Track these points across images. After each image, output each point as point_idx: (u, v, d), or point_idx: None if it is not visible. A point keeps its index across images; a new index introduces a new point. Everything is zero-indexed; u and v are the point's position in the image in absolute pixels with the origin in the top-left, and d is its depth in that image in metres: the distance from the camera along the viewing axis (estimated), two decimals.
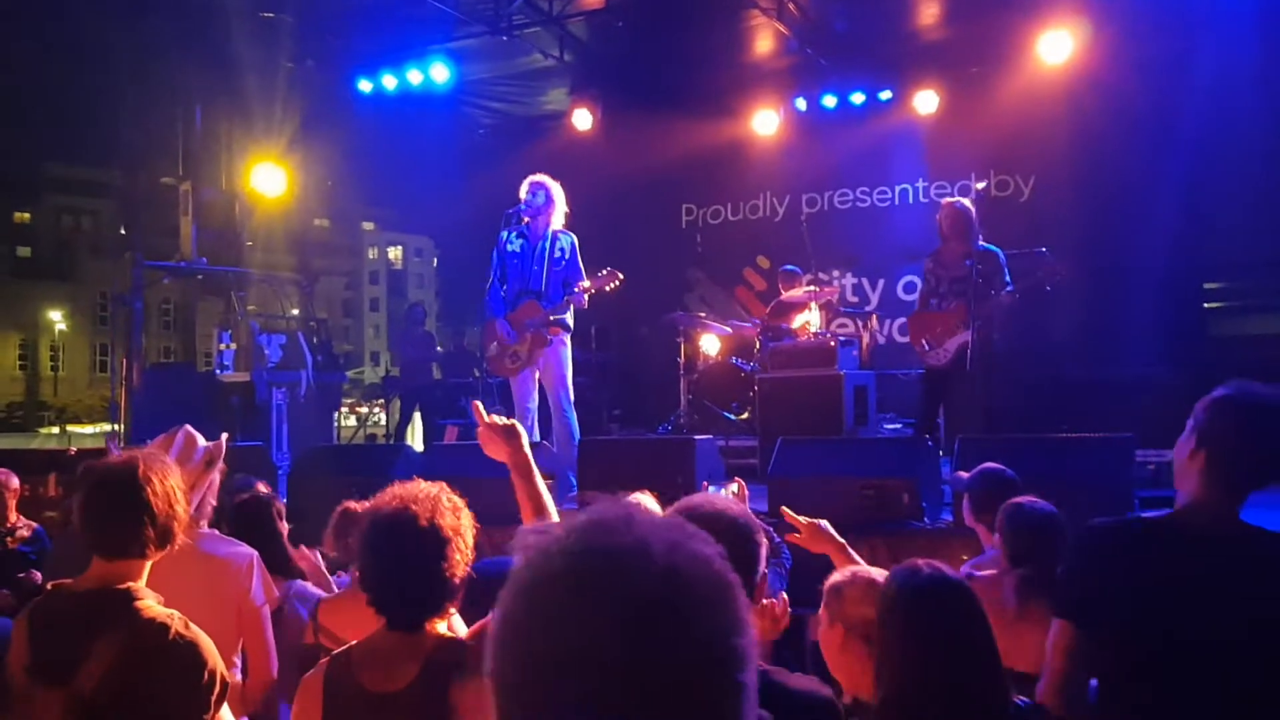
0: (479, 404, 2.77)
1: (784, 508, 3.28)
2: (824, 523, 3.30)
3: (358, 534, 2.51)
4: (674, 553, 0.92)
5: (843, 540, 3.23)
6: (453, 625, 3.04)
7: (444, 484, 2.52)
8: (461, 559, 2.39)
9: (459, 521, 2.42)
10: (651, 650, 0.86)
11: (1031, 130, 10.67)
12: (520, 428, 2.66)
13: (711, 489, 3.99)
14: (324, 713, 2.38)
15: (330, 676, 2.41)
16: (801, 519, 3.28)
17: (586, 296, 7.17)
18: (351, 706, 2.35)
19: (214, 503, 3.83)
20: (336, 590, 3.89)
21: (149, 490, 2.59)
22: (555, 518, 2.61)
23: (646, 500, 3.92)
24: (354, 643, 2.49)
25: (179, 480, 2.72)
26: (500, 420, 2.65)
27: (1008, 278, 7.37)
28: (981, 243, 7.41)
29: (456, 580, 2.39)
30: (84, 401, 53.33)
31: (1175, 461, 2.60)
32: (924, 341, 7.58)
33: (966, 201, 7.75)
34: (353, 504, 4.15)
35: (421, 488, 2.45)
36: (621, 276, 7.27)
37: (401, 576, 2.36)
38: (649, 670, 0.86)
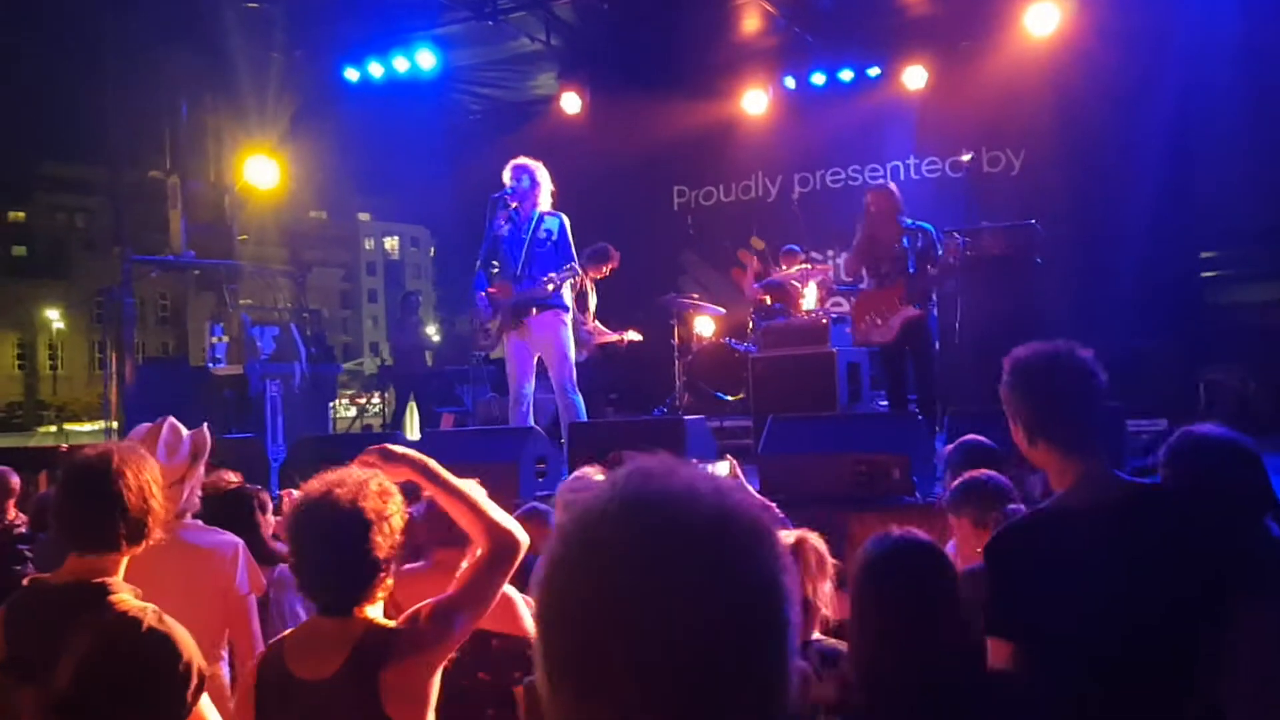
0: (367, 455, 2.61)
1: None
2: None
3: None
4: (722, 496, 0.96)
5: None
6: (518, 613, 3.05)
7: (379, 470, 2.48)
8: (384, 541, 2.36)
9: (384, 505, 2.39)
10: (707, 585, 0.90)
11: (1021, 103, 10.63)
12: (392, 448, 2.59)
13: (702, 469, 3.96)
14: (256, 702, 2.40)
15: (263, 666, 2.42)
16: None
17: (550, 288, 7.06)
18: (283, 695, 2.36)
19: (200, 494, 3.82)
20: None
21: (122, 483, 2.57)
22: (480, 495, 2.58)
23: None
24: (288, 632, 2.50)
25: (155, 474, 2.70)
26: (369, 451, 2.57)
27: (939, 251, 7.52)
28: (910, 221, 7.64)
29: (382, 563, 2.37)
30: (82, 399, 53.28)
31: (1028, 456, 2.56)
32: (868, 318, 7.67)
33: (891, 185, 8.05)
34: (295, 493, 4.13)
35: (351, 472, 2.42)
36: (578, 270, 7.23)
37: (325, 560, 2.36)
38: (705, 605, 0.89)
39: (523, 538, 2.52)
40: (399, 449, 2.61)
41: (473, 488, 2.59)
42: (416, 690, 2.37)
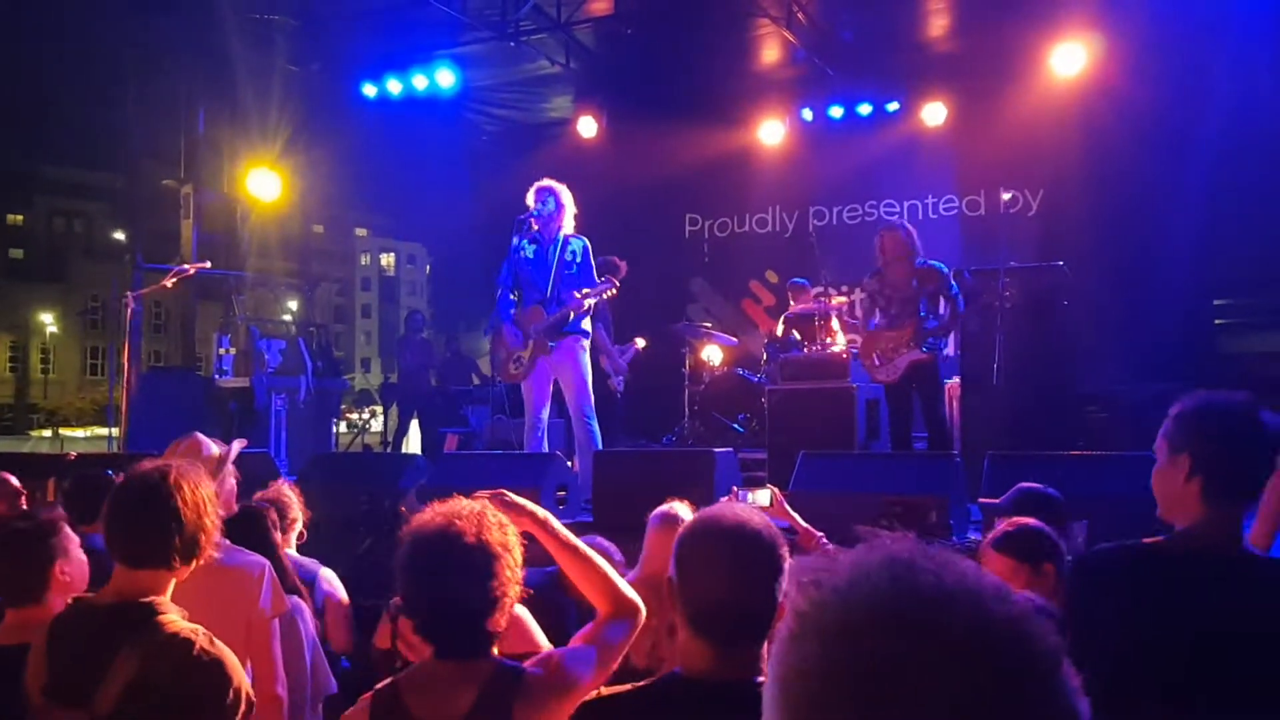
0: (500, 497, 2.57)
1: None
2: None
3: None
4: (1006, 603, 0.81)
5: None
6: (530, 630, 2.93)
7: (487, 501, 2.39)
8: (511, 576, 2.25)
9: (506, 538, 2.27)
10: (1003, 708, 0.76)
11: (1041, 144, 10.59)
12: (512, 497, 2.54)
13: (742, 495, 3.87)
14: None
15: (377, 708, 2.25)
16: None
17: (587, 303, 7.03)
18: None
19: (224, 512, 3.71)
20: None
21: (179, 498, 2.48)
22: (598, 558, 2.50)
23: (682, 509, 3.83)
24: (402, 673, 2.34)
25: (210, 491, 2.61)
26: (483, 494, 2.49)
27: (955, 291, 7.42)
28: (925, 260, 7.54)
29: (507, 600, 2.25)
30: (74, 404, 53.06)
31: (1164, 489, 2.47)
32: (874, 357, 7.58)
33: (905, 225, 7.85)
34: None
35: (465, 503, 2.30)
36: (618, 284, 7.19)
37: (451, 598, 2.21)
38: None
39: (642, 606, 2.44)
40: (519, 500, 2.52)
41: (591, 550, 2.50)
42: None
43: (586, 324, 7.23)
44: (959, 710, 0.75)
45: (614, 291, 7.12)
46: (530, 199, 7.22)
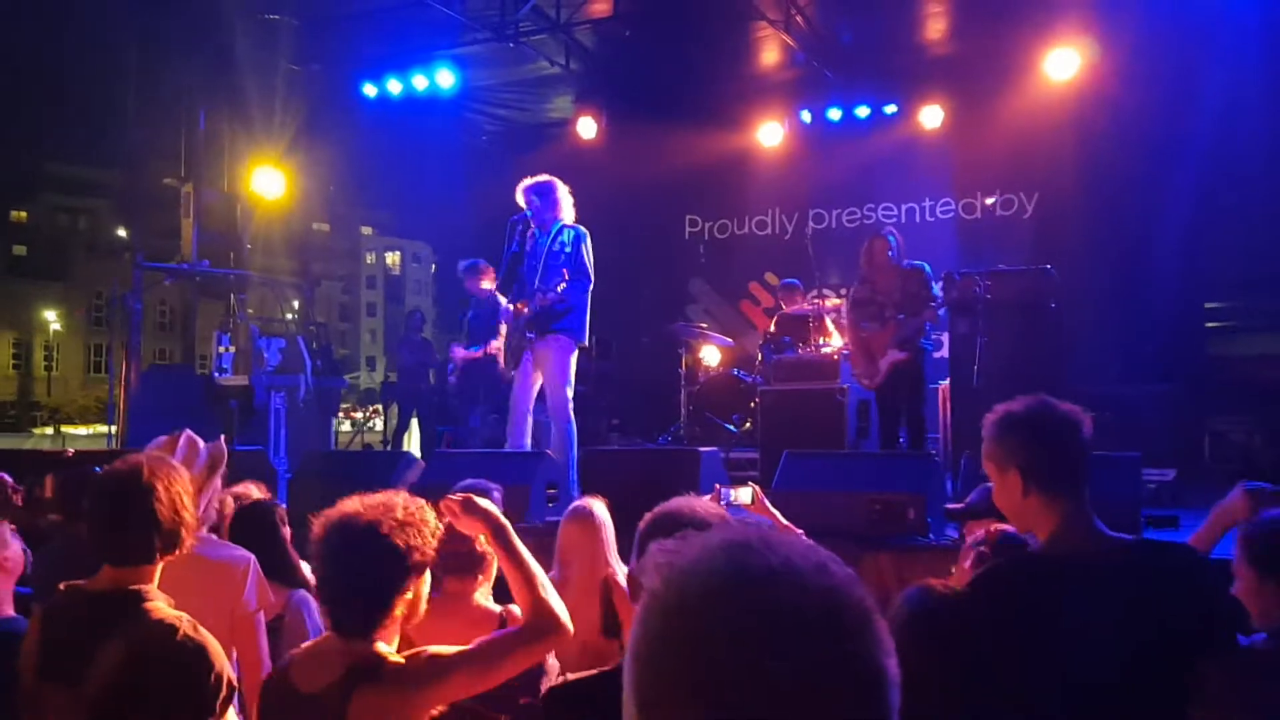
0: (445, 503, 2.66)
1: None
2: None
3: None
4: (821, 574, 0.92)
5: None
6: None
7: (404, 492, 2.50)
8: (409, 568, 2.38)
9: (408, 531, 2.39)
10: (813, 671, 0.86)
11: (1037, 148, 10.69)
12: (477, 500, 2.63)
13: (724, 493, 3.94)
14: (260, 708, 2.47)
15: (274, 674, 2.51)
16: None
17: (559, 288, 6.80)
18: (282, 704, 2.40)
19: (217, 507, 3.79)
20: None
21: (154, 497, 2.58)
22: (539, 574, 2.57)
23: (596, 505, 3.95)
24: (305, 645, 2.54)
25: (186, 484, 2.70)
26: (454, 498, 2.63)
27: (936, 291, 7.58)
28: (909, 262, 7.72)
29: (401, 590, 2.38)
30: (77, 402, 53.22)
31: (1008, 505, 2.55)
32: (859, 362, 7.82)
33: (891, 231, 7.96)
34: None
35: (383, 496, 2.44)
36: (565, 283, 6.87)
37: (347, 581, 2.37)
38: (809, 691, 0.86)
39: (567, 629, 2.51)
40: (484, 504, 2.62)
41: (535, 565, 2.59)
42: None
43: (578, 323, 7.11)
44: (777, 673, 0.85)
45: (564, 285, 6.84)
46: (520, 200, 7.24)
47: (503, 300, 7.39)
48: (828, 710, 0.86)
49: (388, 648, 2.42)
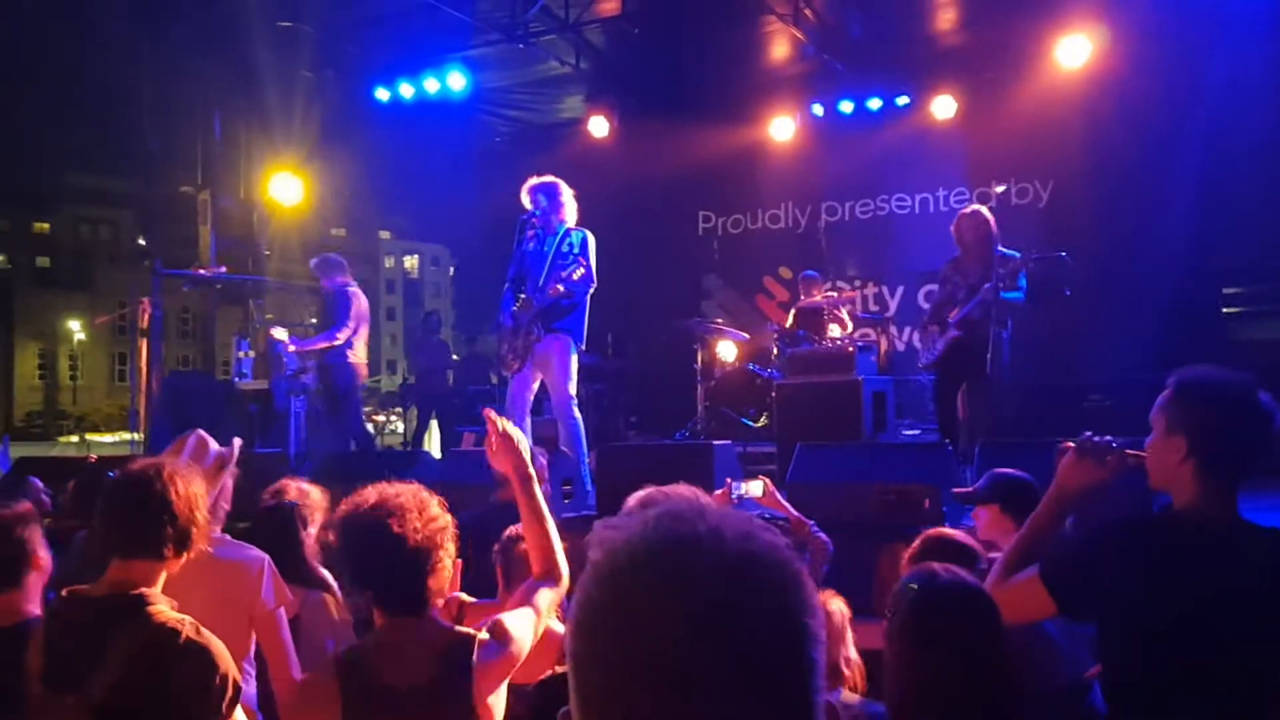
0: (491, 411, 2.79)
1: None
2: None
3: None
4: (746, 541, 0.97)
5: None
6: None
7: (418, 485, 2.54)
8: (443, 542, 2.44)
9: (436, 510, 2.46)
10: (729, 632, 0.91)
11: (1050, 135, 10.63)
12: (515, 439, 2.71)
13: (735, 486, 3.96)
14: (343, 709, 2.37)
15: (345, 674, 2.39)
16: None
17: (551, 293, 6.89)
18: (382, 704, 2.35)
19: (226, 507, 3.83)
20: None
21: (172, 490, 2.60)
22: (554, 528, 2.71)
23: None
24: (359, 641, 2.56)
25: (202, 488, 2.72)
26: (511, 429, 2.71)
27: (1021, 280, 7.30)
28: (1001, 249, 7.36)
29: (441, 562, 2.43)
30: (102, 410, 53.64)
31: (1158, 463, 2.55)
32: (923, 341, 7.70)
33: (985, 210, 7.68)
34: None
35: (396, 486, 2.48)
36: (584, 263, 6.95)
37: (388, 561, 2.39)
38: (723, 651, 0.91)
39: (566, 576, 2.66)
40: (523, 447, 2.71)
41: (551, 519, 2.71)
42: (498, 695, 2.45)
43: (579, 324, 7.16)
44: (693, 630, 0.91)
45: (580, 272, 6.93)
46: (525, 200, 7.28)
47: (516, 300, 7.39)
48: (751, 669, 0.92)
49: (464, 627, 2.48)
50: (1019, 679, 2.35)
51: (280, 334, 9.22)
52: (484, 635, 2.43)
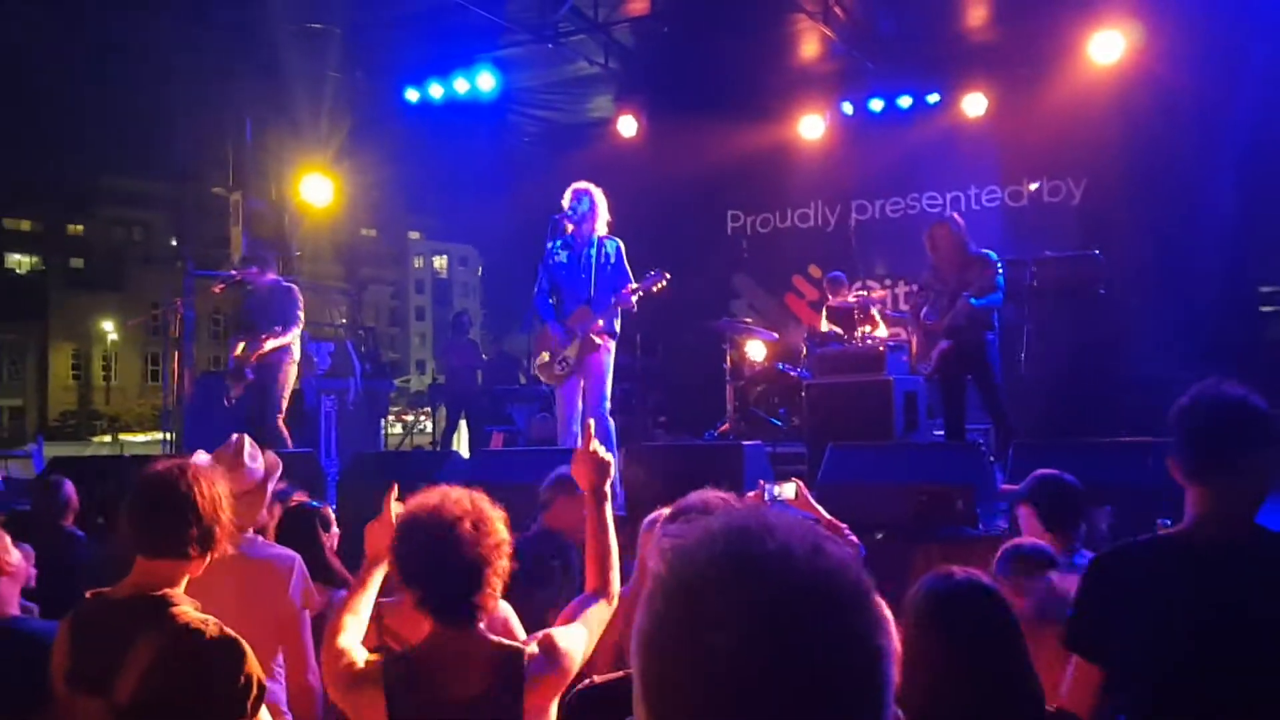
0: (591, 424, 2.88)
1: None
2: None
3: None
4: (816, 557, 0.95)
5: None
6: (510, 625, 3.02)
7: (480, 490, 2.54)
8: (499, 554, 2.42)
9: (494, 519, 2.45)
10: (798, 651, 0.90)
11: (1083, 132, 10.52)
12: (604, 459, 2.78)
13: (767, 489, 3.92)
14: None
15: (392, 679, 2.35)
16: None
17: (635, 299, 7.12)
18: (433, 716, 2.33)
19: (267, 518, 3.85)
20: None
21: (197, 490, 2.60)
22: (615, 545, 2.74)
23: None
24: (412, 649, 2.46)
25: (226, 490, 2.73)
26: (602, 451, 2.77)
27: (1000, 281, 7.39)
28: (976, 249, 7.53)
29: (494, 574, 2.41)
30: (135, 410, 54.15)
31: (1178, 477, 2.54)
32: (916, 351, 7.76)
33: (956, 217, 7.86)
34: None
35: (456, 489, 2.48)
36: (669, 276, 7.21)
37: (444, 568, 2.37)
38: (795, 670, 0.90)
39: (614, 599, 2.71)
40: (608, 456, 2.77)
41: (614, 538, 2.77)
42: (547, 712, 2.44)
43: (616, 324, 7.29)
44: (773, 654, 0.90)
45: (663, 284, 7.15)
46: (566, 199, 7.28)
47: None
48: (823, 688, 0.90)
49: (511, 642, 2.45)
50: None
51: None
52: (533, 649, 2.42)
